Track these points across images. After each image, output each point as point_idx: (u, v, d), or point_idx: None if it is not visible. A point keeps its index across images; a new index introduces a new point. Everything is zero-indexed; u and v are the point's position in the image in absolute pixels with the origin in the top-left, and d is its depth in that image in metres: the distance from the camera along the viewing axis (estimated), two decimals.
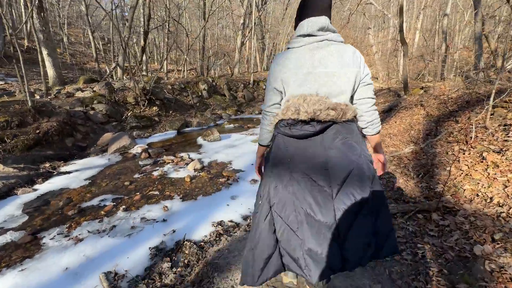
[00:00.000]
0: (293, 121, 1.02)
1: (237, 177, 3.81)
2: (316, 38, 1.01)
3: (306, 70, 1.01)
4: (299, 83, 1.03)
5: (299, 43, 1.04)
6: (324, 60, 1.00)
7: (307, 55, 1.02)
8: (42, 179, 3.78)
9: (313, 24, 1.01)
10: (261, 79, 16.19)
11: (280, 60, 1.07)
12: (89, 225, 2.67)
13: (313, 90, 1.02)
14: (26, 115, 4.65)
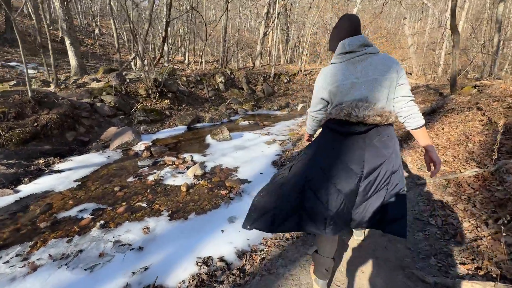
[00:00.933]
0: (344, 122, 1.22)
1: (241, 189, 3.19)
2: (357, 53, 1.21)
3: (351, 81, 1.21)
4: (346, 92, 1.22)
5: (341, 59, 1.24)
6: (365, 71, 1.20)
7: (350, 68, 1.21)
8: (30, 178, 3.45)
9: (353, 43, 1.20)
10: (282, 72, 15.29)
11: (328, 74, 1.27)
12: (56, 245, 2.21)
13: (361, 96, 1.20)
14: (25, 106, 4.38)
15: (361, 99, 1.18)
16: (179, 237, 2.26)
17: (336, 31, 1.31)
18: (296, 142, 5.08)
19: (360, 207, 1.23)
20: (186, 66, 14.02)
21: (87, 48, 20.40)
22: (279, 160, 4.04)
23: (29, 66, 12.16)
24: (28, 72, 4.73)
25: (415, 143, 3.64)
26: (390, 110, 1.20)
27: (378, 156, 1.18)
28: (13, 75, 10.24)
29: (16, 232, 2.44)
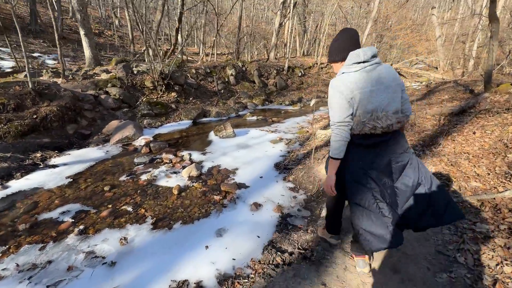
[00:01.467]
0: (369, 135, 1.31)
1: (236, 195, 2.89)
2: (369, 63, 1.29)
3: (369, 88, 1.27)
4: (367, 100, 1.28)
5: (356, 68, 1.30)
6: (379, 79, 1.29)
7: (365, 77, 1.28)
8: (22, 173, 3.35)
9: (366, 53, 1.28)
10: (297, 65, 14.67)
11: (348, 81, 1.29)
12: (27, 252, 2.04)
13: (378, 104, 1.29)
14: (25, 97, 4.30)
15: (380, 107, 1.28)
16: (157, 252, 2.01)
17: (338, 43, 1.39)
18: (304, 141, 4.69)
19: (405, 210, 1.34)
20: (200, 58, 13.78)
21: (106, 39, 20.72)
22: (282, 163, 3.70)
23: (50, 57, 12.44)
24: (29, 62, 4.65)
25: (440, 149, 3.15)
26: (404, 115, 1.36)
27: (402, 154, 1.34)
28: (34, 66, 10.48)
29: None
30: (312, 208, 2.57)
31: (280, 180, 3.21)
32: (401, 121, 1.31)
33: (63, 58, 6.54)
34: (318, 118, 6.84)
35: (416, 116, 4.75)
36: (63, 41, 16.83)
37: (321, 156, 3.50)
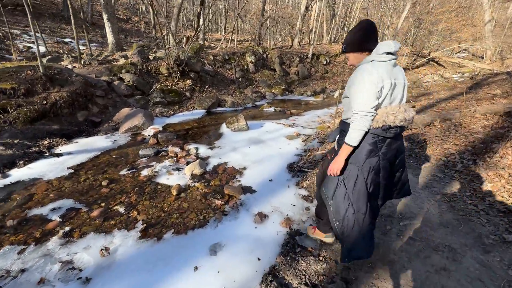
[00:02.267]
0: (390, 126, 1.32)
1: (240, 201, 2.53)
2: (394, 56, 1.32)
3: (393, 81, 1.30)
4: (390, 92, 1.31)
5: (385, 58, 1.30)
6: (397, 75, 1.34)
7: (390, 69, 1.31)
8: (25, 161, 3.26)
9: (396, 46, 1.30)
10: (322, 52, 13.69)
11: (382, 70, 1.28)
12: (6, 255, 1.86)
13: (399, 99, 1.36)
14: (36, 82, 4.23)
15: (401, 101, 1.37)
16: (139, 269, 1.72)
17: (362, 33, 1.38)
18: (324, 139, 4.17)
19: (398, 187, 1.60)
20: (220, 44, 13.35)
21: (132, 25, 20.96)
22: (297, 164, 3.25)
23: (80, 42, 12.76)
24: (39, 45, 4.55)
25: (497, 160, 2.50)
26: None
27: (402, 147, 1.51)
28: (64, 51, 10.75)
29: None
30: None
31: (292, 185, 2.79)
32: (410, 119, 1.35)
33: (79, 43, 6.48)
34: (342, 112, 6.20)
35: (462, 114, 3.99)
36: (92, 27, 17.29)
37: None
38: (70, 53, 8.95)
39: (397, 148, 1.43)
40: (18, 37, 11.95)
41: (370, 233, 1.48)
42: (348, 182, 1.43)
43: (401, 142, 1.48)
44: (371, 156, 1.38)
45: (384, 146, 1.38)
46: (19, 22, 14.10)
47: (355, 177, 1.41)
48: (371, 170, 1.39)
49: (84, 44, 11.74)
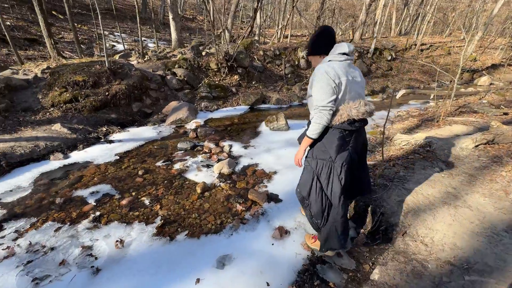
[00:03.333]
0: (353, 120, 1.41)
1: (262, 210, 2.30)
2: (350, 57, 1.43)
3: (351, 79, 1.40)
4: (349, 88, 1.39)
5: (341, 58, 1.40)
6: (354, 74, 1.44)
7: (347, 68, 1.40)
8: (84, 145, 3.69)
9: (350, 47, 1.41)
10: (387, 46, 12.13)
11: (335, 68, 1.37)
12: (45, 231, 2.07)
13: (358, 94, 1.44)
14: (102, 76, 4.77)
15: (360, 96, 1.45)
16: (143, 270, 1.68)
17: (321, 38, 1.48)
18: (374, 147, 3.58)
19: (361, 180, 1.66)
20: (272, 39, 13.15)
21: (197, 24, 22.59)
22: None
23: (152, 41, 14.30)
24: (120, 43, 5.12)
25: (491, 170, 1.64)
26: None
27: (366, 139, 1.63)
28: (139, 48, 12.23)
29: (38, 202, 2.49)
30: (361, 258, 1.74)
31: None
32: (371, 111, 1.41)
33: (141, 40, 7.11)
34: (403, 115, 5.31)
35: None
36: (162, 26, 19.23)
37: (392, 174, 2.45)
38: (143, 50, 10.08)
39: (362, 141, 1.57)
40: (106, 37, 14.04)
41: (343, 226, 1.56)
42: (322, 178, 1.51)
43: (365, 134, 1.60)
44: (342, 151, 1.46)
45: (352, 140, 1.47)
46: (108, 25, 16.52)
47: (328, 173, 1.49)
48: (343, 165, 1.45)
49: (154, 42, 13.08)
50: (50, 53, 7.15)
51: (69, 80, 4.49)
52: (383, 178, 2.44)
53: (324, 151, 1.47)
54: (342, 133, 1.43)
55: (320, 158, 1.49)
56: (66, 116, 4.19)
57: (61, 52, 7.41)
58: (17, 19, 11.35)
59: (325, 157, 1.47)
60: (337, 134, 1.44)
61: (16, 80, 4.45)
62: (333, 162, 1.46)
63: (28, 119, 3.96)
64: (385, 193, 2.16)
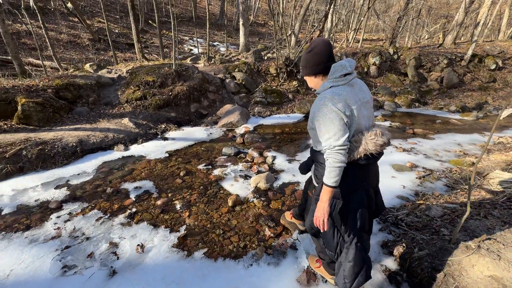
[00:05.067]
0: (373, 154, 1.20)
1: (292, 242, 1.98)
2: (352, 75, 1.19)
3: (360, 101, 1.18)
4: (360, 115, 1.17)
5: (344, 81, 1.17)
6: (361, 91, 1.23)
7: (351, 90, 1.18)
8: (143, 140, 4.05)
9: (351, 64, 1.18)
10: (492, 52, 9.73)
11: (342, 95, 1.14)
12: (89, 218, 2.26)
13: (368, 122, 1.24)
14: (168, 77, 5.20)
15: (370, 119, 1.26)
16: (151, 285, 1.60)
17: (317, 55, 1.22)
18: (455, 183, 2.76)
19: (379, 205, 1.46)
20: (341, 43, 12.26)
21: (267, 29, 23.26)
22: (394, 212, 2.25)
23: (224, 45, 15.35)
24: (196, 47, 5.56)
25: None
26: None
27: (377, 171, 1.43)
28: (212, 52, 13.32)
29: (94, 188, 2.78)
30: None
31: (375, 244, 1.91)
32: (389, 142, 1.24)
33: (208, 45, 7.53)
34: (508, 143, 4.03)
35: None
36: (235, 32, 20.47)
37: (481, 229, 1.76)
38: (209, 54, 10.85)
39: (375, 171, 1.40)
40: (186, 42, 15.75)
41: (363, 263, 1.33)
42: (334, 217, 1.33)
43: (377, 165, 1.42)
44: (357, 189, 1.30)
45: (367, 174, 1.33)
46: (190, 31, 18.49)
47: (342, 213, 1.31)
48: (360, 204, 1.31)
49: (225, 46, 13.96)
50: (137, 56, 8.35)
51: (142, 80, 5.06)
52: (465, 232, 1.78)
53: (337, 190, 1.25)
54: (355, 169, 1.25)
55: (335, 197, 1.28)
56: (134, 112, 4.71)
57: (145, 55, 8.56)
58: (123, 28, 13.80)
59: (336, 195, 1.27)
60: (349, 170, 1.22)
61: (105, 78, 5.27)
62: (347, 202, 1.28)
63: (107, 112, 4.61)
64: (466, 259, 1.54)
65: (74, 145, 3.45)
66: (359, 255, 1.31)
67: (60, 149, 3.32)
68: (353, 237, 1.31)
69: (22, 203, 2.46)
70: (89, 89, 4.87)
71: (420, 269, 1.60)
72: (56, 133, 3.64)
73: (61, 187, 2.76)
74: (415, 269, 1.61)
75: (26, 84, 4.24)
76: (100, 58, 9.83)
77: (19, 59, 5.69)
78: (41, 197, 2.57)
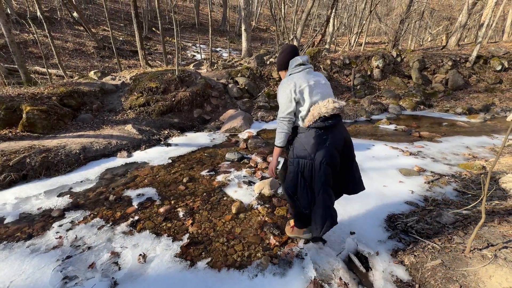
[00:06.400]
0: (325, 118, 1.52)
1: (298, 250, 1.91)
2: (306, 66, 1.63)
3: (313, 82, 1.57)
4: (314, 91, 1.56)
5: (298, 69, 1.61)
6: (315, 77, 1.62)
7: (306, 76, 1.58)
8: (146, 146, 4.04)
9: (304, 58, 1.63)
10: (497, 53, 9.63)
11: (296, 78, 1.56)
12: (91, 227, 2.23)
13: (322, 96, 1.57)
14: (171, 83, 5.22)
15: (325, 97, 1.57)
16: None
17: (283, 55, 1.70)
18: (465, 187, 2.68)
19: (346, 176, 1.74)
20: (343, 47, 12.26)
21: (269, 34, 23.42)
22: (403, 219, 2.17)
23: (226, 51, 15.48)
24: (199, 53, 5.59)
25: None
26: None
27: (349, 138, 1.70)
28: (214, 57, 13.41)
29: (97, 196, 2.76)
30: None
31: (384, 252, 1.84)
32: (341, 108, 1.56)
33: (210, 51, 7.57)
34: None
35: None
36: (237, 37, 20.64)
37: (496, 236, 1.68)
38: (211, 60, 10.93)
39: (343, 138, 1.64)
40: (189, 48, 15.91)
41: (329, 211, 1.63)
42: (305, 175, 1.61)
43: (346, 132, 1.69)
44: (320, 149, 1.54)
45: (329, 137, 1.55)
46: (193, 37, 18.67)
47: (310, 170, 1.58)
48: (322, 162, 1.54)
49: (227, 52, 14.08)
50: (141, 63, 8.43)
51: (145, 86, 5.08)
52: (479, 240, 1.70)
53: (304, 150, 1.58)
54: (317, 132, 1.55)
55: (301, 157, 1.59)
56: (138, 118, 4.72)
57: (148, 62, 8.64)
58: (127, 35, 14.01)
59: (305, 156, 1.58)
60: (313, 133, 1.55)
61: (108, 85, 5.30)
62: (313, 160, 1.56)
63: (110, 119, 4.62)
64: (482, 270, 1.46)
65: (78, 152, 3.45)
66: (325, 204, 1.61)
67: (63, 156, 3.32)
68: (319, 189, 1.60)
69: (24, 211, 2.45)
70: (93, 96, 4.90)
71: (433, 280, 1.52)
72: (60, 140, 3.65)
73: (64, 195, 2.74)
74: (428, 280, 1.54)
75: (31, 92, 4.28)
76: (105, 65, 9.96)
77: (25, 68, 5.77)
78: (44, 205, 2.55)
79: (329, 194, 1.61)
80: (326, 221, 1.61)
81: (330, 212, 1.63)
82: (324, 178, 1.56)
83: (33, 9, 12.17)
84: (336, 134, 1.57)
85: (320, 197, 1.60)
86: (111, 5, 17.89)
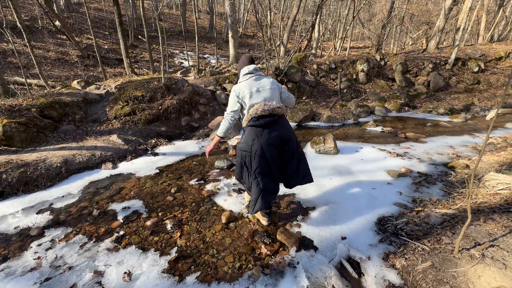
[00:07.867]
0: (262, 116, 1.86)
1: (290, 259, 1.87)
2: (253, 74, 1.96)
3: (255, 89, 1.91)
4: (253, 96, 1.89)
5: (246, 78, 1.95)
6: (261, 83, 1.94)
7: (253, 82, 1.92)
8: (132, 156, 3.92)
9: (251, 68, 1.96)
10: (474, 56, 10.08)
11: (241, 86, 1.93)
12: (72, 244, 2.11)
13: (263, 99, 1.90)
14: (158, 91, 5.14)
15: (266, 99, 1.90)
16: None
17: (239, 65, 2.06)
18: (451, 186, 2.73)
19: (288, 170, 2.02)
20: (328, 52, 12.52)
21: (256, 40, 23.64)
22: (393, 222, 2.18)
23: (214, 57, 15.45)
24: (187, 60, 5.52)
25: None
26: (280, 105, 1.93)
27: (287, 135, 1.95)
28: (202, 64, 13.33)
29: (80, 211, 2.63)
30: None
31: (375, 256, 1.83)
32: (281, 107, 1.92)
33: (197, 58, 7.55)
34: (498, 144, 4.08)
35: None
36: (225, 44, 20.72)
37: (483, 235, 1.70)
38: (199, 66, 10.89)
39: (279, 136, 1.91)
40: (177, 55, 15.81)
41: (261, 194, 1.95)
42: (247, 164, 1.97)
43: (284, 132, 1.94)
44: (254, 143, 1.88)
45: (264, 134, 1.87)
46: (180, 45, 18.57)
47: (249, 160, 1.93)
48: (256, 153, 1.88)
49: (215, 59, 14.06)
50: (126, 71, 8.28)
51: (130, 95, 4.97)
52: (467, 240, 1.72)
53: (245, 144, 1.93)
54: (253, 130, 1.89)
55: (243, 150, 1.94)
56: (123, 128, 4.60)
57: (134, 70, 8.50)
58: (113, 43, 13.79)
59: (246, 149, 1.92)
60: (250, 130, 1.90)
61: (92, 95, 5.16)
62: (250, 152, 1.89)
63: (94, 129, 4.48)
64: (471, 270, 1.47)
65: (59, 166, 3.30)
66: (257, 188, 1.94)
67: (43, 170, 3.17)
68: (254, 176, 1.93)
69: (0, 231, 2.30)
70: (76, 106, 4.75)
71: (425, 283, 1.52)
72: (40, 154, 3.49)
73: (43, 212, 2.60)
74: (420, 283, 1.53)
75: (9, 104, 4.10)
76: (89, 74, 9.73)
77: (2, 79, 5.54)
78: (22, 223, 2.40)
79: (263, 180, 1.92)
80: (257, 202, 1.94)
81: (262, 195, 1.94)
82: (256, 166, 1.89)
83: (13, 18, 11.81)
84: (270, 132, 1.87)
85: (254, 182, 1.94)
86: (95, 13, 17.61)
